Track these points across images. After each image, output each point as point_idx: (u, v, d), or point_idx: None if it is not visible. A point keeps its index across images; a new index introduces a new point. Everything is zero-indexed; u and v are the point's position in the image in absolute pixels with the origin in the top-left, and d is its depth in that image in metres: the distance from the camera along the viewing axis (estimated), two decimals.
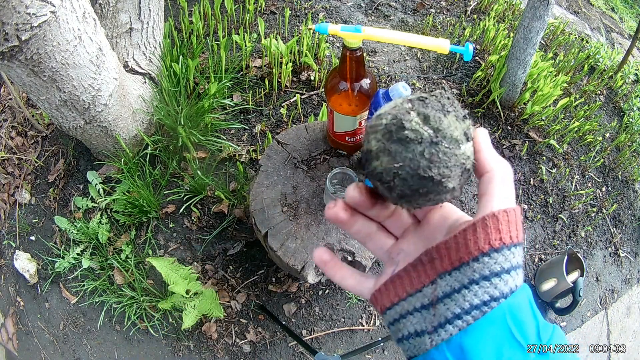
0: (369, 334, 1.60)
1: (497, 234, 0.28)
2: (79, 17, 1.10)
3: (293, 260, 1.09)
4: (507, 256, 0.28)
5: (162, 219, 1.64)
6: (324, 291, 1.62)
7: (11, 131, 1.88)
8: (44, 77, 1.11)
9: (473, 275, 0.27)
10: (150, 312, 1.55)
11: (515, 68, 1.82)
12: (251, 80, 1.85)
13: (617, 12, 3.58)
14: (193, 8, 1.91)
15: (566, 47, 2.48)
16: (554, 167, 2.00)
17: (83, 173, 1.71)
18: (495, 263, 0.27)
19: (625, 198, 2.13)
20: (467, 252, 0.28)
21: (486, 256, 0.27)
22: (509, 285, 0.28)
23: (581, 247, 1.95)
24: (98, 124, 1.39)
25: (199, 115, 1.62)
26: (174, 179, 1.66)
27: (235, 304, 1.58)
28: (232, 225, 1.63)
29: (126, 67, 1.57)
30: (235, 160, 1.69)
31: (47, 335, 1.61)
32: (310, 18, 2.06)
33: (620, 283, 2.00)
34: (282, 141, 1.22)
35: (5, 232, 1.73)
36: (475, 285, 0.27)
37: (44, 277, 1.64)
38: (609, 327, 1.93)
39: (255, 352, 1.54)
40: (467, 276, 0.28)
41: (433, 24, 2.24)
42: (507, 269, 0.28)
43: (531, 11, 1.66)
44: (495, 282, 0.27)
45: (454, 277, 0.28)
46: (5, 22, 0.92)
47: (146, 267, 1.58)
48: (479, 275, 0.27)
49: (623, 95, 2.39)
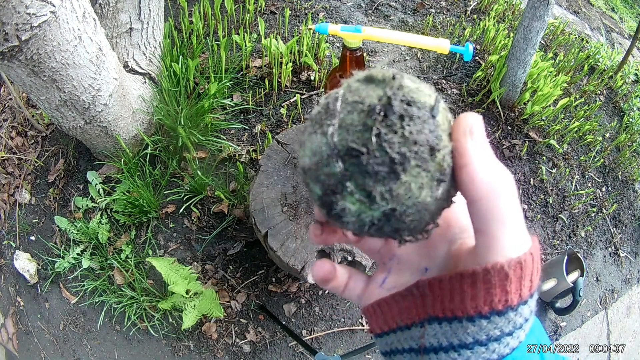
0: (369, 334, 1.60)
1: (504, 295, 0.22)
2: (79, 17, 1.10)
3: (293, 260, 1.09)
4: (512, 318, 0.22)
5: (162, 219, 1.64)
6: (324, 291, 1.62)
7: (11, 131, 1.88)
8: (44, 77, 1.11)
9: (465, 338, 0.23)
10: (150, 312, 1.55)
11: (515, 68, 1.82)
12: (251, 80, 1.85)
13: (617, 12, 3.58)
14: (193, 8, 1.91)
15: (566, 47, 2.48)
16: (554, 167, 2.00)
17: (83, 173, 1.71)
18: (495, 327, 0.22)
19: (625, 198, 2.13)
20: (461, 306, 0.23)
21: (484, 319, 0.22)
22: (510, 346, 0.23)
23: (581, 247, 1.95)
24: (98, 124, 1.39)
25: (199, 115, 1.62)
26: (174, 179, 1.66)
27: (235, 304, 1.58)
28: (232, 225, 1.63)
29: (126, 67, 1.57)
30: (235, 160, 1.69)
31: (47, 335, 1.61)
32: (310, 18, 2.06)
33: (620, 283, 2.00)
34: (282, 141, 1.22)
35: (5, 232, 1.73)
36: (467, 350, 0.23)
37: (44, 277, 1.64)
38: (609, 327, 1.93)
39: (255, 352, 1.54)
40: (457, 336, 0.23)
41: (433, 24, 2.24)
42: (510, 332, 0.22)
43: (531, 11, 1.66)
44: (492, 347, 0.23)
45: (444, 332, 0.24)
46: (5, 22, 0.92)
47: (146, 267, 1.58)
48: (472, 339, 0.23)
49: (623, 95, 2.39)
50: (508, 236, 0.22)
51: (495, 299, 0.22)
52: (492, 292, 0.22)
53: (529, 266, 0.22)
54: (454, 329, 0.23)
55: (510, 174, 0.23)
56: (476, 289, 0.22)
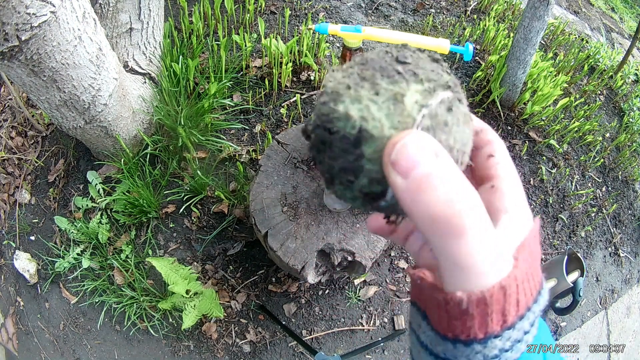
0: (369, 334, 1.60)
1: (501, 317, 0.21)
2: (79, 17, 1.10)
3: (293, 260, 1.09)
4: (511, 336, 0.21)
5: (162, 219, 1.64)
6: (324, 291, 1.62)
7: (11, 131, 1.88)
8: (44, 77, 1.11)
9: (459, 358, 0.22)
10: (150, 312, 1.55)
11: (515, 68, 1.82)
12: (251, 80, 1.85)
13: (617, 12, 3.58)
14: (193, 8, 1.91)
15: (566, 47, 2.48)
16: (554, 167, 2.00)
17: (83, 173, 1.71)
18: (493, 348, 0.21)
19: (625, 198, 2.13)
20: (451, 329, 0.21)
21: (479, 344, 0.21)
22: None
23: (581, 247, 1.95)
24: (98, 124, 1.39)
25: (199, 115, 1.62)
26: (174, 179, 1.66)
27: (235, 304, 1.58)
28: (232, 225, 1.63)
29: (126, 67, 1.57)
30: (235, 160, 1.69)
31: (47, 335, 1.60)
32: (310, 18, 2.06)
33: (620, 283, 2.00)
34: (282, 141, 1.22)
35: (5, 232, 1.73)
36: None
37: (44, 277, 1.64)
38: (609, 327, 1.93)
39: (255, 352, 1.54)
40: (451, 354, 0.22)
41: (433, 24, 2.24)
42: (509, 348, 0.22)
43: (531, 11, 1.66)
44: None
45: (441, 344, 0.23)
46: (5, 22, 0.92)
47: (146, 267, 1.58)
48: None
49: (623, 95, 2.39)
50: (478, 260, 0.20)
51: (493, 324, 0.21)
52: (488, 319, 0.21)
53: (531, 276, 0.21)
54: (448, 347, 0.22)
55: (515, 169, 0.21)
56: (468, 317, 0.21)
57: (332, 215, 1.14)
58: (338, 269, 1.14)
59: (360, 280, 1.63)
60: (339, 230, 1.12)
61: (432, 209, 0.19)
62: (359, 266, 1.12)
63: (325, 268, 1.15)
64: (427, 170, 0.19)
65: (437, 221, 0.19)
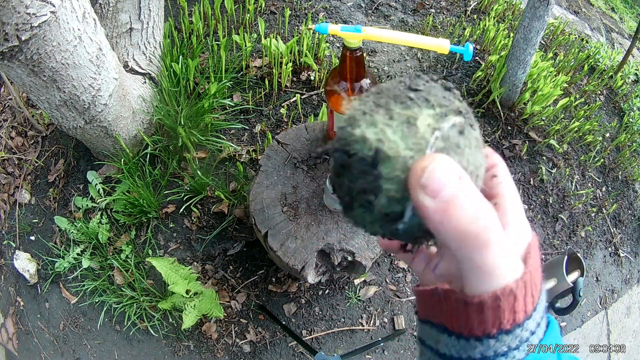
0: (369, 334, 1.60)
1: (512, 314, 0.23)
2: (79, 17, 1.10)
3: (293, 260, 1.09)
4: (519, 334, 0.24)
5: (162, 219, 1.64)
6: (324, 291, 1.62)
7: (11, 131, 1.88)
8: (44, 77, 1.11)
9: (472, 354, 0.24)
10: (150, 312, 1.55)
11: (515, 68, 1.82)
12: (251, 80, 1.85)
13: (617, 12, 3.57)
14: (193, 8, 1.91)
15: (566, 47, 2.48)
16: (554, 167, 2.00)
17: (83, 173, 1.71)
18: (502, 345, 0.24)
19: (625, 198, 2.13)
20: (467, 327, 0.24)
21: (492, 339, 0.23)
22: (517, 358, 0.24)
23: (581, 247, 1.95)
24: (98, 124, 1.39)
25: (199, 115, 1.62)
26: (174, 179, 1.66)
27: (235, 304, 1.58)
28: (232, 225, 1.63)
29: (126, 67, 1.57)
30: (235, 160, 1.69)
31: (47, 335, 1.61)
32: (310, 18, 2.06)
33: (620, 283, 2.00)
34: (282, 141, 1.22)
35: (5, 232, 1.73)
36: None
37: (44, 277, 1.64)
38: (609, 327, 1.93)
39: (255, 352, 1.54)
40: (465, 351, 0.25)
41: (433, 24, 2.24)
42: (517, 346, 0.24)
43: (531, 11, 1.66)
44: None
45: (452, 344, 0.25)
46: (5, 22, 0.92)
47: (146, 267, 1.58)
48: (479, 356, 0.24)
49: (623, 95, 2.39)
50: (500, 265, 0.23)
51: (504, 321, 0.23)
52: (500, 315, 0.23)
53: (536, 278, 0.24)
54: (462, 344, 0.25)
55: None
56: (484, 315, 0.23)
57: (332, 215, 1.14)
58: (338, 269, 1.14)
59: (360, 280, 1.64)
60: (339, 230, 1.12)
61: (461, 226, 0.21)
62: (359, 266, 1.12)
63: (325, 268, 1.14)
64: (454, 191, 0.21)
65: (466, 236, 0.21)
